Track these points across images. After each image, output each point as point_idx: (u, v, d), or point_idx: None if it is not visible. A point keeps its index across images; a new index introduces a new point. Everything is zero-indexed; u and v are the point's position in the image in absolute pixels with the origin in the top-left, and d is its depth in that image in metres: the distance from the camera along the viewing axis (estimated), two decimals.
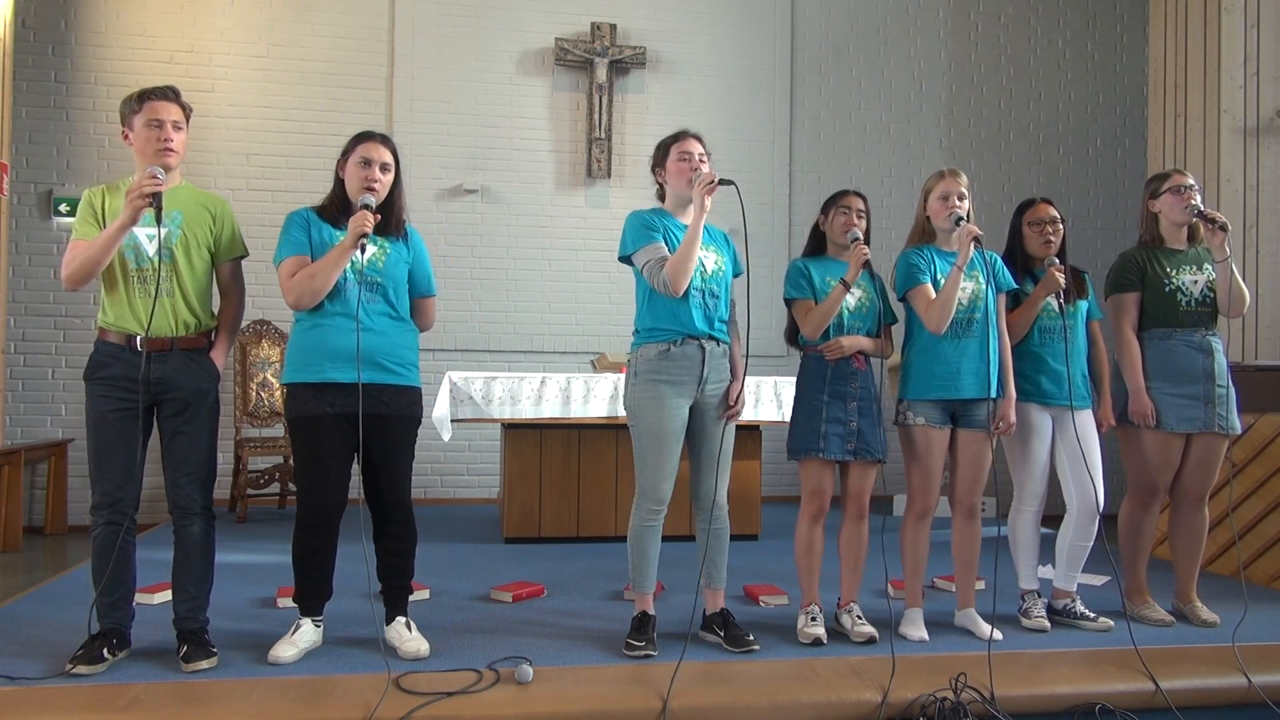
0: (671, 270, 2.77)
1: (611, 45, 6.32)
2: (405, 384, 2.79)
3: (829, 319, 3.00)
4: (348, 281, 2.70)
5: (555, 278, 6.35)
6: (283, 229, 2.77)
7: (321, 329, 2.69)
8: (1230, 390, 3.26)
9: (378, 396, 2.70)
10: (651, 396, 2.84)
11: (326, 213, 2.79)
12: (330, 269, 2.65)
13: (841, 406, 3.01)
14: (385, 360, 2.73)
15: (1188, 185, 3.25)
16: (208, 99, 5.82)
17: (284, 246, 2.74)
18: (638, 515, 2.90)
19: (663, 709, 2.39)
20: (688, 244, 2.77)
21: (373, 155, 2.75)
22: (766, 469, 5.56)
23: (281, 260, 2.73)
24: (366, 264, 2.71)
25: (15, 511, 4.97)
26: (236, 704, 2.34)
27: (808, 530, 3.05)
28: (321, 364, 2.67)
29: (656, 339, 2.86)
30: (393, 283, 2.78)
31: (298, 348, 2.73)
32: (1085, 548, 3.27)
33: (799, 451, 3.03)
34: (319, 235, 2.74)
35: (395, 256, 2.80)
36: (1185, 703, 2.61)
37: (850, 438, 3.00)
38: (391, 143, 2.82)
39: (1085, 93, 7.07)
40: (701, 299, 2.85)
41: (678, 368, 2.84)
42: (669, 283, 2.77)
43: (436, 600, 3.50)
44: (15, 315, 5.59)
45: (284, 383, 2.78)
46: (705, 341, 2.85)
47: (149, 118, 2.62)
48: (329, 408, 2.68)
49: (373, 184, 2.73)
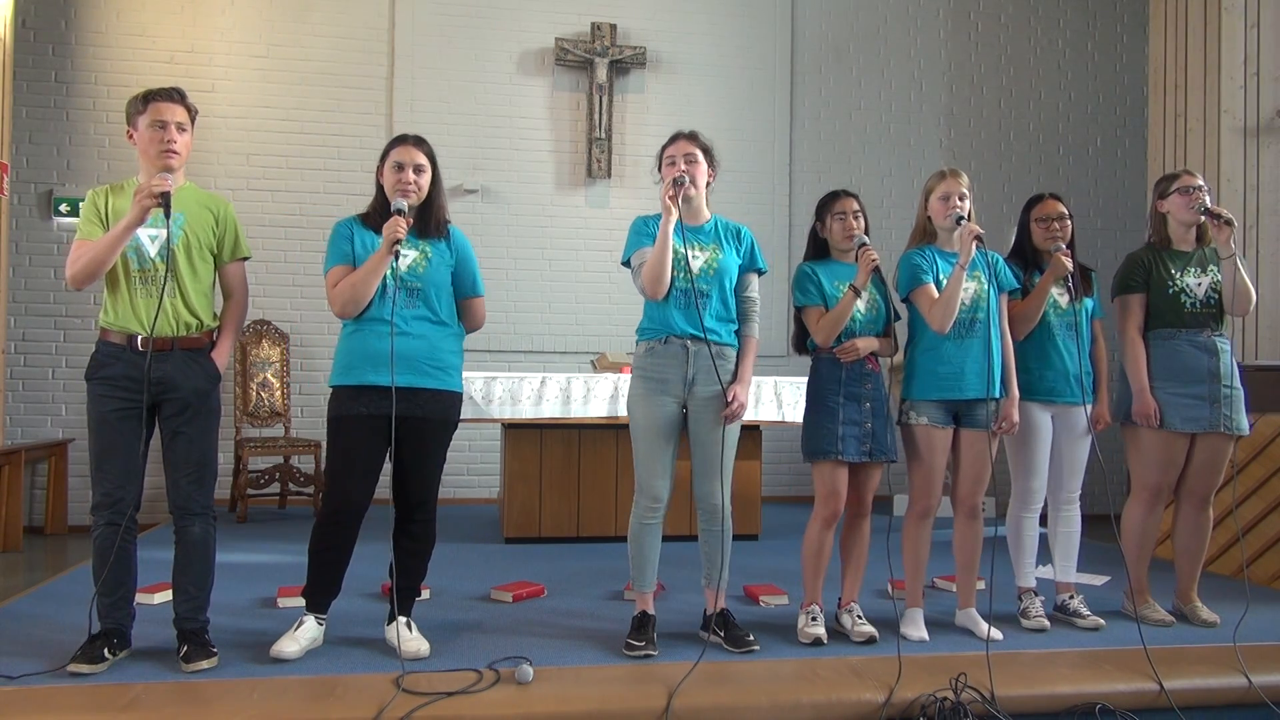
0: (645, 276, 2.84)
1: (611, 45, 6.32)
2: (442, 388, 2.82)
3: (842, 325, 2.99)
4: (387, 288, 2.74)
5: (555, 278, 6.35)
6: (329, 240, 2.84)
7: (361, 334, 2.76)
8: (1237, 390, 3.26)
9: (413, 399, 2.74)
10: (640, 394, 2.91)
11: (370, 220, 2.83)
12: (369, 277, 2.70)
13: (856, 408, 3.01)
14: (423, 364, 2.77)
15: (1197, 186, 3.25)
16: (208, 99, 5.81)
17: (329, 257, 2.82)
18: (636, 513, 2.92)
19: (666, 708, 2.39)
20: (657, 249, 2.81)
21: (405, 159, 2.78)
22: (766, 469, 5.56)
23: (327, 271, 2.81)
24: (406, 270, 2.75)
25: (15, 511, 4.97)
26: (237, 704, 2.34)
27: (819, 534, 3.03)
28: (361, 368, 2.73)
29: (646, 338, 2.94)
30: (434, 287, 2.81)
31: (341, 353, 2.81)
32: (1075, 534, 3.35)
33: (816, 454, 3.01)
34: (361, 243, 2.79)
35: (437, 259, 2.83)
36: (1185, 703, 2.60)
37: (866, 439, 2.99)
38: (426, 144, 2.85)
39: (1085, 93, 7.07)
40: (684, 299, 2.86)
41: (662, 366, 2.87)
42: (644, 287, 2.86)
43: (436, 600, 3.50)
44: (15, 315, 5.59)
45: (329, 385, 2.84)
46: (689, 341, 2.86)
47: (153, 118, 2.62)
48: (364, 409, 2.72)
49: (406, 188, 2.76)
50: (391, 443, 2.73)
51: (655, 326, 2.90)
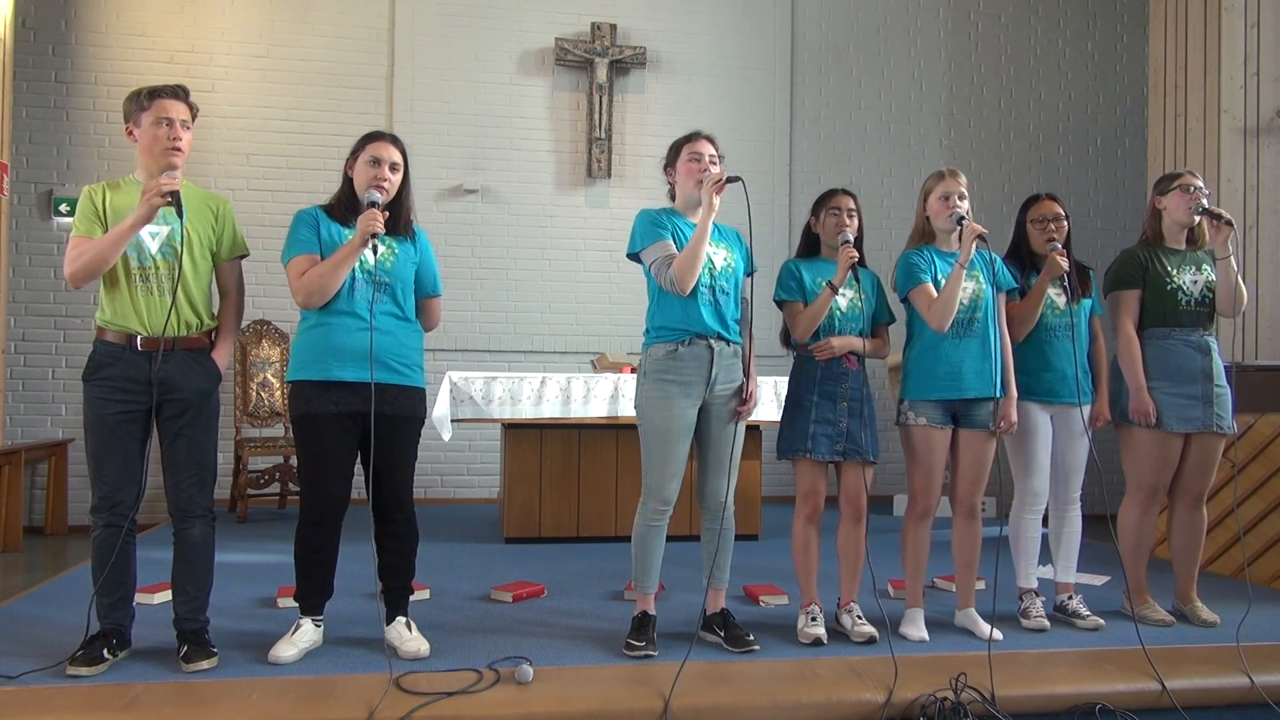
0: (679, 267, 2.77)
1: (611, 45, 6.32)
2: (409, 384, 2.79)
3: (818, 321, 3.01)
4: (356, 280, 2.70)
5: (555, 278, 6.35)
6: (291, 227, 2.76)
7: (327, 327, 2.69)
8: (1227, 390, 3.27)
9: (382, 396, 2.70)
10: (659, 397, 2.84)
11: (335, 211, 2.79)
12: (340, 267, 2.65)
13: (831, 407, 3.01)
14: (391, 360, 2.73)
15: (1197, 185, 3.25)
16: (208, 99, 5.81)
17: (293, 245, 2.73)
18: (643, 515, 2.90)
19: (665, 709, 2.39)
20: (696, 241, 2.77)
21: (382, 154, 2.75)
22: (766, 469, 5.55)
23: (290, 259, 2.72)
24: (376, 264, 2.72)
25: (15, 511, 4.97)
26: (237, 704, 2.33)
27: (803, 530, 3.05)
28: (327, 362, 2.67)
29: (665, 339, 2.86)
30: (400, 283, 2.78)
31: (303, 346, 2.73)
32: (1076, 534, 3.35)
33: (787, 452, 3.04)
34: (328, 233, 2.74)
35: (403, 256, 2.80)
36: (1186, 703, 2.60)
37: (839, 438, 2.99)
38: (401, 143, 2.83)
39: (1085, 93, 7.07)
40: (711, 296, 2.85)
41: (685, 368, 2.83)
42: (676, 280, 2.78)
43: (436, 600, 3.50)
44: (15, 315, 5.59)
45: (289, 380, 2.77)
46: (714, 341, 2.85)
47: (158, 115, 2.60)
48: (333, 406, 2.68)
49: (381, 183, 2.73)
50: (371, 440, 2.70)
51: (678, 327, 2.84)
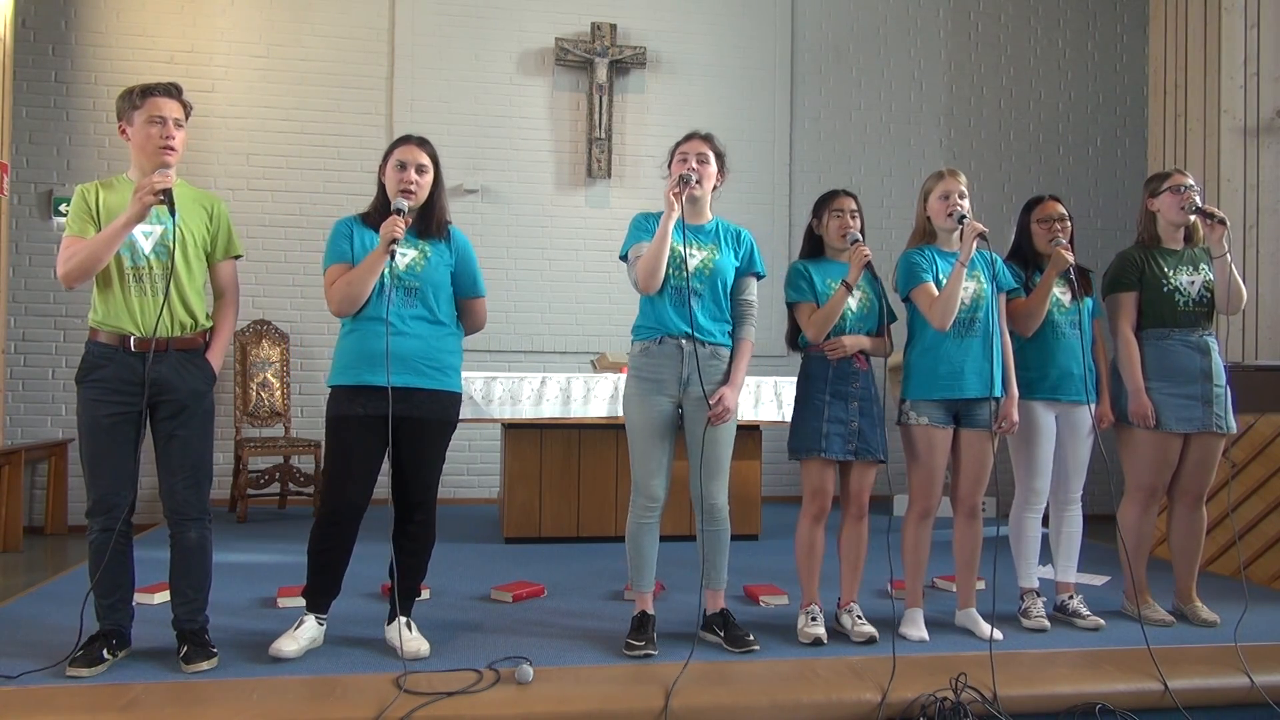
0: (640, 267, 2.84)
1: (611, 45, 6.32)
2: (440, 388, 2.81)
3: (833, 322, 3.01)
4: (384, 287, 2.72)
5: (555, 278, 6.35)
6: (328, 238, 2.83)
7: (360, 333, 2.75)
8: (1226, 390, 3.26)
9: (410, 400, 2.74)
10: (635, 394, 2.91)
11: (370, 219, 2.82)
12: (366, 275, 2.69)
13: (843, 406, 3.01)
14: (420, 364, 2.76)
15: (1187, 185, 3.25)
16: (208, 99, 5.82)
17: (327, 255, 2.81)
18: (633, 512, 2.93)
19: (664, 708, 2.39)
20: (656, 241, 2.82)
21: (407, 158, 2.78)
22: (766, 469, 5.55)
23: (325, 269, 2.80)
24: (405, 269, 2.75)
25: (15, 511, 4.96)
26: (237, 704, 2.33)
27: (809, 530, 3.05)
28: (358, 368, 2.73)
29: (641, 337, 2.94)
30: (432, 287, 2.80)
31: (339, 352, 2.80)
32: (1077, 534, 3.36)
33: (801, 451, 3.04)
34: (360, 242, 2.78)
35: (436, 259, 2.82)
36: (1186, 703, 2.60)
37: (851, 438, 3.00)
38: (430, 145, 2.84)
39: (1085, 93, 7.06)
40: (680, 297, 2.86)
41: (656, 365, 2.88)
42: (638, 280, 2.87)
43: (436, 600, 3.50)
44: (15, 315, 5.59)
45: (328, 385, 2.83)
46: (685, 341, 2.86)
47: (151, 114, 2.58)
48: (361, 409, 2.72)
49: (408, 187, 2.75)
50: (389, 443, 2.73)
51: (650, 325, 2.90)
